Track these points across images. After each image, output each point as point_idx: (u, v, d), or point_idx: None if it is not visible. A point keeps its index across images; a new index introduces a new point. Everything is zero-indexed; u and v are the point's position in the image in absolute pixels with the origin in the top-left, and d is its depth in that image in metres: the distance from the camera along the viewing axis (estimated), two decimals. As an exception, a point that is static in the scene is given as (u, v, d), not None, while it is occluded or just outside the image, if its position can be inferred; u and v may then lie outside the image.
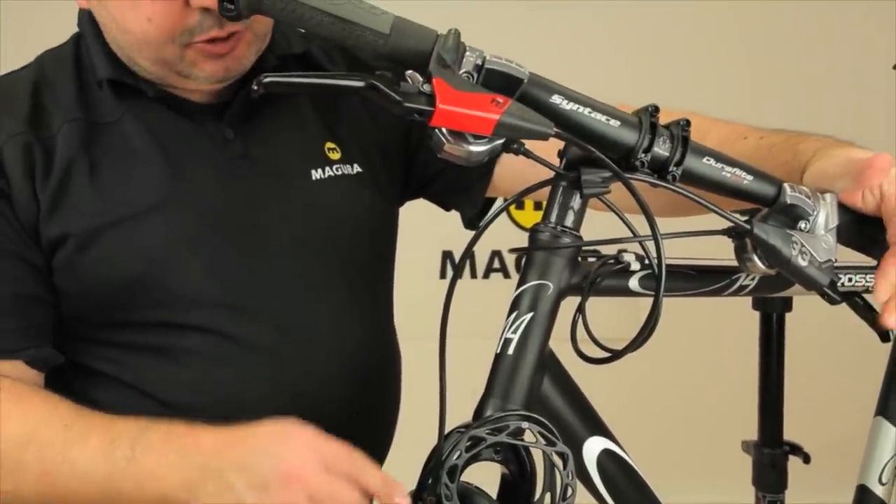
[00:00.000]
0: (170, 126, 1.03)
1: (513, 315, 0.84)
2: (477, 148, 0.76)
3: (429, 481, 0.80)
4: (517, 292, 0.85)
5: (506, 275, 2.67)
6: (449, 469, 0.79)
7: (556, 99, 0.81)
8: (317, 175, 1.08)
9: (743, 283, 1.01)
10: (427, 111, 0.73)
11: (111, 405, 0.95)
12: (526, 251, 0.85)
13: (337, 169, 1.10)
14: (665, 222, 0.87)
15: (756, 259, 0.87)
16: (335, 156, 1.11)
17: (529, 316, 0.83)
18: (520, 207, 2.56)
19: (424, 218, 1.27)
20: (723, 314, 1.82)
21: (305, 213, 1.07)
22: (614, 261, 0.93)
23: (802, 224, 0.88)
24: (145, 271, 0.99)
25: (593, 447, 0.89)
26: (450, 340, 0.82)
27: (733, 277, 1.00)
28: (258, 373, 1.03)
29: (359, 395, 1.09)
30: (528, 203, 2.50)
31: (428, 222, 1.27)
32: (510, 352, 0.83)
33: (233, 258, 1.03)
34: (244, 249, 1.03)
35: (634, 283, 0.94)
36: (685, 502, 2.01)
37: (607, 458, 0.90)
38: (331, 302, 1.08)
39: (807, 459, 1.43)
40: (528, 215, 2.54)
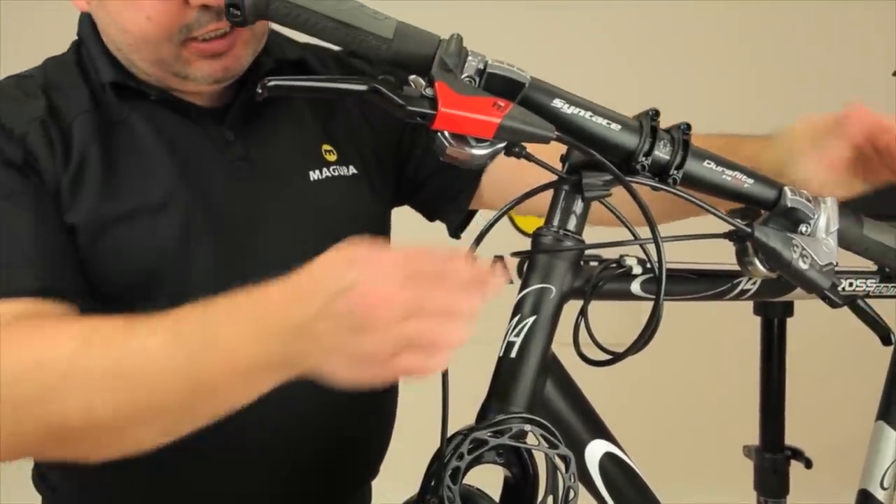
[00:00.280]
0: (174, 128, 1.04)
1: (515, 318, 0.84)
2: (479, 151, 0.76)
3: (431, 484, 0.80)
4: (520, 296, 0.85)
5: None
6: (451, 472, 0.79)
7: (558, 103, 0.81)
8: (314, 176, 1.09)
9: (744, 287, 1.01)
10: (429, 114, 0.73)
11: None
12: (529, 255, 0.86)
13: (334, 170, 1.11)
14: (665, 226, 0.87)
15: (757, 262, 0.88)
16: (332, 157, 1.11)
17: (532, 319, 0.84)
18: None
19: (424, 220, 1.27)
20: (724, 317, 1.82)
21: (304, 214, 1.07)
22: (616, 264, 0.93)
23: (803, 227, 0.88)
24: (156, 266, 0.99)
25: (595, 450, 0.90)
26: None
27: (735, 281, 1.01)
28: None
29: (357, 393, 1.08)
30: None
31: (428, 226, 1.27)
32: (513, 355, 0.83)
33: (233, 258, 1.03)
34: (245, 250, 1.04)
35: (636, 287, 0.94)
36: (687, 506, 2.01)
37: (609, 461, 0.90)
38: None
39: (808, 464, 1.43)
40: (530, 221, 2.55)
